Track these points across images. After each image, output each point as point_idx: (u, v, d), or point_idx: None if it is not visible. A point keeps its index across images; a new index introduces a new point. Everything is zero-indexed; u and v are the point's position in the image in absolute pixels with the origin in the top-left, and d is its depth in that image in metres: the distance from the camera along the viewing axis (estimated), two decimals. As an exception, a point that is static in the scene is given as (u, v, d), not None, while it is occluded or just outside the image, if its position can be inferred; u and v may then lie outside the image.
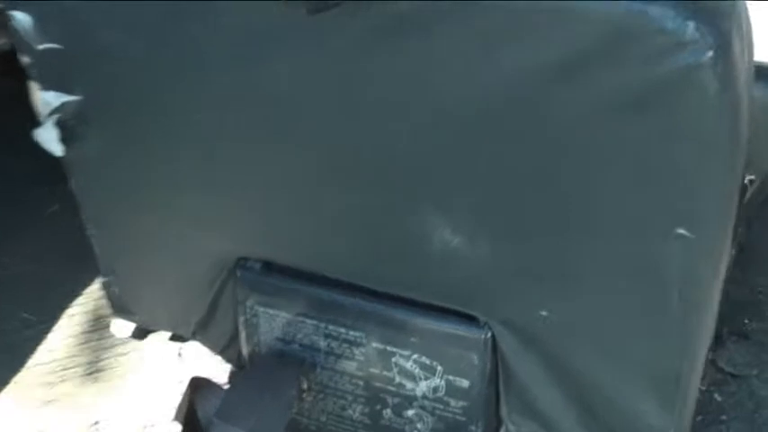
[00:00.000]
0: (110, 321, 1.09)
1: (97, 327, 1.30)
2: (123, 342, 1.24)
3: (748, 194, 1.04)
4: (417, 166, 0.79)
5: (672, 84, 0.66)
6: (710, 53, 0.64)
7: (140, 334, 1.12)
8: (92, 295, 1.32)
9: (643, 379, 0.83)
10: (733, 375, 1.17)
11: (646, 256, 0.75)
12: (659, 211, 0.72)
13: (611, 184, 0.73)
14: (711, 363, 1.18)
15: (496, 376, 0.90)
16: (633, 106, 0.68)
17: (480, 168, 0.77)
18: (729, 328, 1.22)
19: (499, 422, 0.94)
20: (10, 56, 0.95)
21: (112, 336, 1.13)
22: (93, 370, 1.25)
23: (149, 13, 0.80)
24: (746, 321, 1.23)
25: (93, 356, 1.27)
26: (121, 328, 1.12)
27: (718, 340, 1.21)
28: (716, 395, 1.16)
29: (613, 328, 0.81)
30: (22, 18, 0.86)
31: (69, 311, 1.34)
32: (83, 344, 1.29)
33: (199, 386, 1.12)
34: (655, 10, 0.64)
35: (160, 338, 1.11)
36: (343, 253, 0.89)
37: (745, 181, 1.02)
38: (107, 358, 1.27)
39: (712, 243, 0.74)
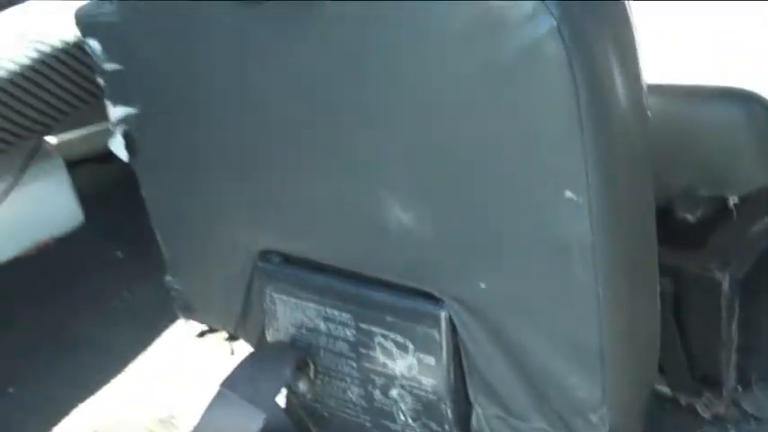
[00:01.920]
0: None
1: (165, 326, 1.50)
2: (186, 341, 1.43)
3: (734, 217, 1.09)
4: (372, 151, 0.93)
5: (527, 53, 0.77)
6: (553, 23, 0.76)
7: (201, 333, 1.30)
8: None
9: (568, 351, 0.90)
10: (755, 418, 1.18)
11: (545, 221, 0.85)
12: (545, 175, 0.82)
13: (505, 151, 0.84)
14: (734, 403, 1.20)
15: (459, 355, 0.99)
16: (504, 75, 0.80)
17: (413, 146, 0.90)
18: (758, 373, 1.23)
19: (470, 405, 1.02)
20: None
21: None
22: (163, 367, 1.44)
23: (169, 27, 1.01)
24: (778, 370, 1.24)
25: (163, 354, 1.46)
26: (186, 328, 1.31)
27: (745, 384, 1.22)
28: (732, 431, 1.18)
29: (536, 298, 0.90)
30: (94, 44, 1.10)
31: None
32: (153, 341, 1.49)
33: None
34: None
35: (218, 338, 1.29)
36: (329, 239, 1.03)
37: (730, 204, 1.08)
38: (173, 357, 1.45)
39: (601, 209, 0.82)
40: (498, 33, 0.79)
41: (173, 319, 1.52)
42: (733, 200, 1.07)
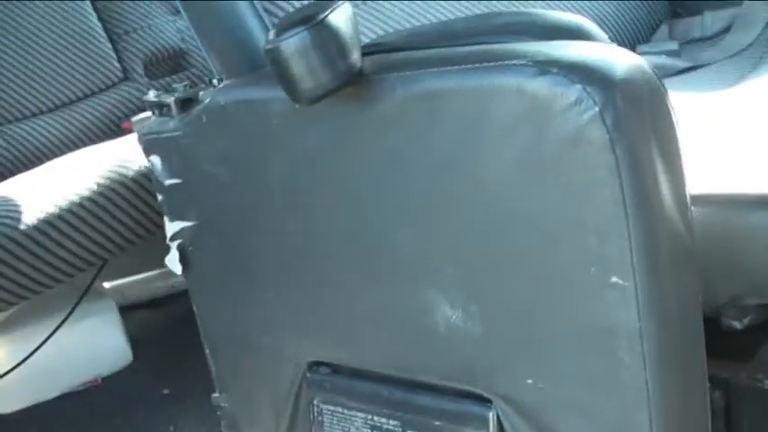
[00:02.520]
0: None
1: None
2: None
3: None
4: (417, 250, 0.96)
5: (571, 140, 0.81)
6: (596, 110, 0.79)
7: (250, 454, 1.29)
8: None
9: (621, 440, 0.89)
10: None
11: (591, 309, 0.86)
12: (591, 262, 0.84)
13: (551, 240, 0.86)
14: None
15: (507, 456, 0.98)
16: (549, 164, 0.83)
17: (459, 241, 0.92)
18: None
19: None
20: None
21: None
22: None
23: (227, 141, 1.06)
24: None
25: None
26: (235, 449, 1.30)
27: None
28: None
29: (584, 390, 0.89)
30: (155, 160, 1.15)
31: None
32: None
33: None
34: (551, 78, 0.81)
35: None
36: (377, 346, 1.04)
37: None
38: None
39: (647, 294, 0.83)
40: (544, 122, 0.82)
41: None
42: (781, 308, 1.07)
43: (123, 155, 1.57)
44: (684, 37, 1.78)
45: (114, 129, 2.02)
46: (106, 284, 2.01)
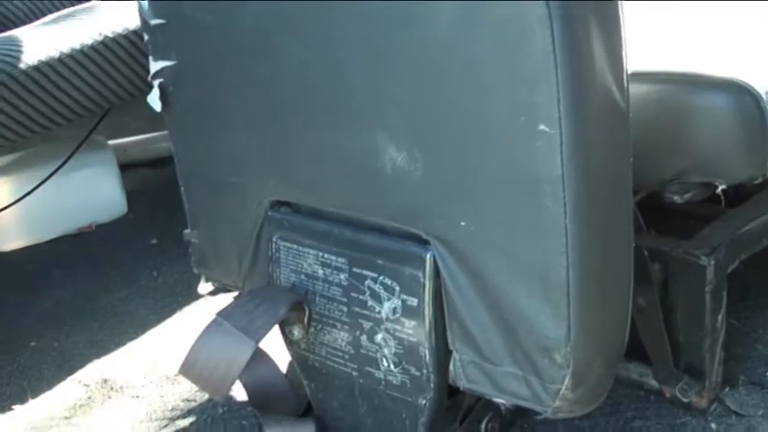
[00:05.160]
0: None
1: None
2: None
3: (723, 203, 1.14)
4: (371, 95, 1.01)
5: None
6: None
7: (215, 291, 1.37)
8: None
9: (538, 287, 0.95)
10: (737, 414, 1.20)
11: (519, 155, 0.91)
12: (521, 111, 0.89)
13: (487, 90, 0.91)
14: (719, 401, 1.22)
15: (440, 299, 1.05)
16: (489, 24, 0.88)
17: (408, 89, 0.98)
18: (747, 376, 1.26)
19: (449, 351, 1.07)
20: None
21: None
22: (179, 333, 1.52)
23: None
24: (767, 374, 1.27)
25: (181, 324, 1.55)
26: (203, 287, 1.38)
27: (732, 385, 1.25)
28: (713, 424, 1.20)
29: (511, 233, 0.96)
30: (143, 2, 1.20)
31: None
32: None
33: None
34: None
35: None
36: (331, 186, 1.10)
37: (718, 190, 1.13)
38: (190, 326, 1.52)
39: (572, 143, 0.89)
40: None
41: (196, 298, 1.61)
42: (721, 187, 1.11)
43: (128, 9, 1.62)
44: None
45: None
46: (111, 142, 2.08)
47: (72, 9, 1.76)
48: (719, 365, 1.21)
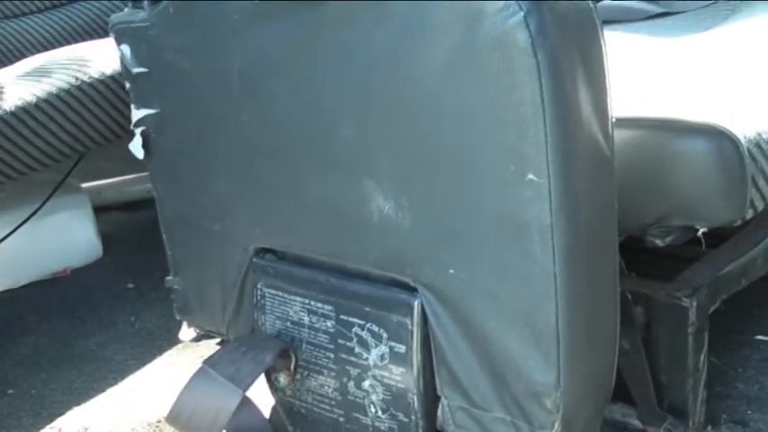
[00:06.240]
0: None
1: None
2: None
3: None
4: (357, 142, 1.02)
5: (497, 42, 0.87)
6: (521, 15, 0.85)
7: (197, 338, 1.37)
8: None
9: (528, 333, 0.96)
10: (720, 455, 1.22)
11: (509, 204, 0.92)
12: (510, 160, 0.90)
13: (476, 137, 0.92)
14: (701, 440, 1.24)
15: (428, 345, 1.05)
16: (477, 64, 0.89)
17: (395, 134, 0.99)
18: (728, 414, 1.28)
19: (437, 397, 1.08)
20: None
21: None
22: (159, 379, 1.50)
23: (192, 34, 1.12)
24: (749, 412, 1.28)
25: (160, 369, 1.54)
26: (185, 333, 1.38)
27: (714, 424, 1.26)
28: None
29: (499, 280, 0.96)
30: (125, 49, 1.21)
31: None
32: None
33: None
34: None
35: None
36: (317, 234, 1.11)
37: (699, 233, 1.15)
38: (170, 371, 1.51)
39: (560, 193, 0.90)
40: (475, 25, 0.88)
41: (176, 343, 1.60)
42: (702, 230, 1.13)
43: (106, 53, 1.62)
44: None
45: (105, 29, 2.06)
46: (84, 185, 2.07)
47: (50, 54, 1.76)
48: (702, 405, 1.22)
